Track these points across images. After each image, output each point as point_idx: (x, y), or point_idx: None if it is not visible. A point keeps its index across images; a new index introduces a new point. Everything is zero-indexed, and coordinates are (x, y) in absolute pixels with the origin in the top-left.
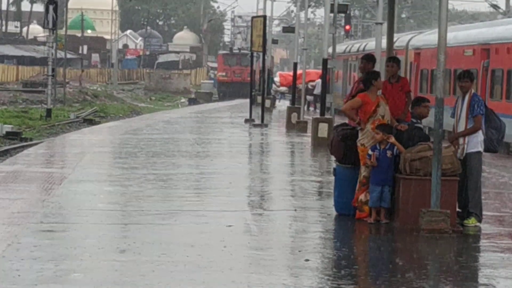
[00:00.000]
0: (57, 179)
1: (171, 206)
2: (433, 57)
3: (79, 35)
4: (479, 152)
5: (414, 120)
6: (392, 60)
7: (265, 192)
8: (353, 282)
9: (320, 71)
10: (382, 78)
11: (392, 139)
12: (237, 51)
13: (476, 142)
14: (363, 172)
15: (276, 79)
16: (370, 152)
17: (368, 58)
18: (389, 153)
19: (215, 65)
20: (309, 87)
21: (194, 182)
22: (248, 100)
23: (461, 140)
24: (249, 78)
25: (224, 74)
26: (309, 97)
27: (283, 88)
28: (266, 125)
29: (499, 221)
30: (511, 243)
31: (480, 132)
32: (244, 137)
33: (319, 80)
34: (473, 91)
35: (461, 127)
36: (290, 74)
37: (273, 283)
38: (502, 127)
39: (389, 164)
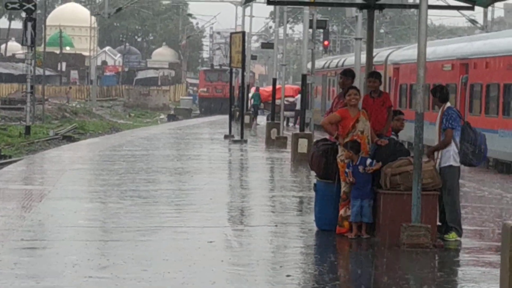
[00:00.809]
0: (37, 196)
1: (152, 222)
2: (412, 72)
3: (58, 52)
4: (451, 166)
5: (394, 133)
6: (374, 75)
7: (246, 208)
8: None
9: (297, 87)
10: (363, 93)
11: (349, 156)
12: (218, 67)
13: (448, 156)
14: (343, 187)
15: (251, 95)
16: (346, 169)
17: (347, 74)
18: (360, 168)
19: (194, 81)
20: (285, 102)
21: (175, 198)
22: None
23: (436, 154)
24: None
25: (205, 90)
26: (286, 113)
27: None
28: (245, 141)
29: (480, 235)
30: (491, 257)
31: (452, 145)
32: (224, 153)
33: (299, 96)
34: (448, 104)
35: (436, 141)
36: (266, 90)
37: None
38: (478, 140)
39: (365, 179)
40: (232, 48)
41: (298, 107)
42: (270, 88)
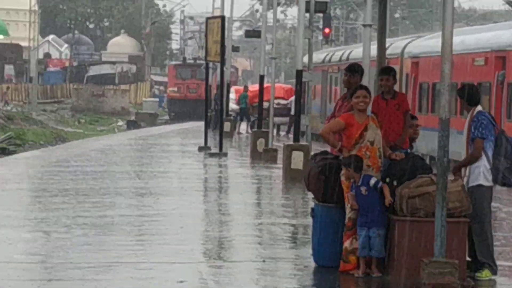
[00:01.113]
0: None
1: (107, 257)
2: (435, 68)
3: None
4: (481, 186)
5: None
6: (387, 71)
7: (225, 239)
8: None
9: (289, 86)
10: (373, 94)
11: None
12: (192, 61)
13: (478, 174)
14: (349, 213)
15: (231, 95)
16: (352, 192)
17: (354, 70)
18: (363, 189)
19: (161, 78)
20: (275, 106)
21: (136, 226)
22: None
23: (463, 171)
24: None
25: (175, 89)
26: (277, 119)
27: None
28: (225, 154)
29: None
30: None
31: (483, 160)
32: (198, 169)
33: (293, 98)
34: (479, 108)
35: (464, 155)
36: (250, 90)
37: None
38: None
39: (371, 202)
40: (209, 37)
41: (292, 112)
42: (255, 87)
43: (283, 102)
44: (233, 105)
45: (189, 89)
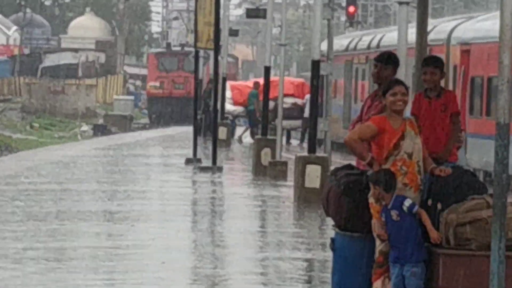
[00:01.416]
0: None
1: None
2: (492, 58)
3: None
4: None
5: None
6: (432, 62)
7: (220, 278)
8: None
9: (299, 80)
10: (412, 91)
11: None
12: (179, 48)
13: None
14: (379, 245)
15: (227, 93)
16: (381, 217)
17: (386, 60)
18: (394, 214)
19: (137, 70)
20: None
21: (104, 261)
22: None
23: None
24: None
25: (157, 85)
26: (286, 123)
27: (238, 108)
28: (220, 169)
29: None
30: None
31: None
32: (185, 187)
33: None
34: None
35: None
36: (249, 86)
37: None
38: None
39: (403, 231)
40: (199, 18)
41: (306, 113)
42: (259, 82)
43: (291, 100)
44: (229, 106)
45: (175, 84)
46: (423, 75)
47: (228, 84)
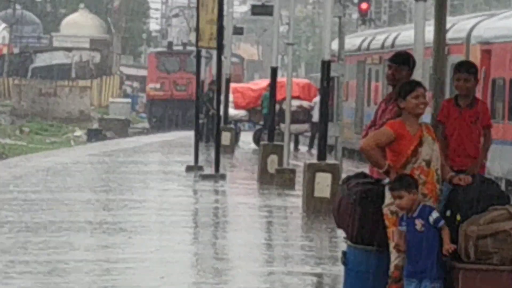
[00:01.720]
0: None
1: None
2: None
3: None
4: None
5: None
6: (466, 68)
7: None
8: None
9: (305, 82)
10: (429, 93)
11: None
12: (181, 47)
13: None
14: (395, 259)
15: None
16: (399, 227)
17: (402, 60)
18: (419, 223)
19: (135, 71)
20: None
21: (99, 276)
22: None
23: None
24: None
25: (158, 86)
26: (292, 127)
27: (240, 113)
28: (223, 177)
29: None
30: None
31: None
32: (186, 197)
33: (318, 99)
34: None
35: None
36: (252, 88)
37: None
38: None
39: (426, 243)
40: (201, 15)
41: (315, 118)
42: (258, 83)
43: (297, 103)
44: (231, 110)
45: (177, 85)
46: (455, 81)
47: (232, 86)
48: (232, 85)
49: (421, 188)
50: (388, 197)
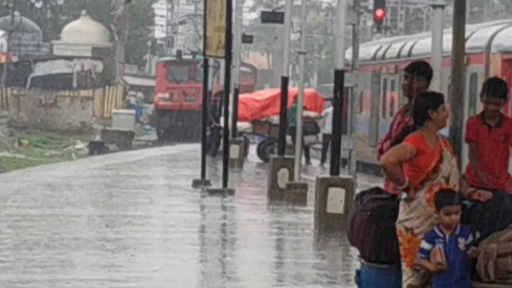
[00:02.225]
0: None
1: None
2: None
3: None
4: None
5: None
6: (498, 91)
7: None
8: None
9: (309, 90)
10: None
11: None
12: (190, 56)
13: None
14: (408, 278)
15: (230, 108)
16: (424, 244)
17: (418, 70)
18: (462, 242)
19: (139, 81)
20: (275, 122)
21: None
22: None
23: None
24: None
25: (167, 96)
26: (309, 139)
27: (244, 125)
28: (231, 192)
29: None
30: None
31: None
32: (192, 213)
33: (330, 110)
34: None
35: None
36: (256, 99)
37: None
38: None
39: (466, 263)
40: (209, 23)
41: (327, 129)
42: (261, 94)
43: (303, 114)
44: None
45: (186, 95)
46: (485, 104)
47: (254, 96)
48: (243, 96)
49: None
50: (402, 213)
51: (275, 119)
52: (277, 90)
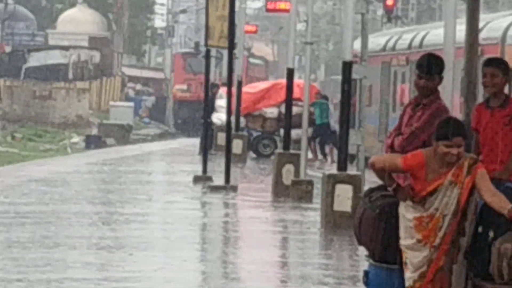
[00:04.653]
0: None
1: None
2: None
3: None
4: None
5: None
6: (493, 63)
7: None
8: None
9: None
10: (462, 96)
11: None
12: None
13: None
14: (410, 277)
15: (221, 101)
16: None
17: (430, 69)
18: None
19: (138, 72)
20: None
21: None
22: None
23: None
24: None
25: (185, 88)
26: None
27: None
28: (234, 188)
29: None
30: None
31: None
32: (193, 210)
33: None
34: None
35: None
36: (249, 92)
37: None
38: None
39: None
40: (210, 11)
41: (332, 125)
42: (254, 86)
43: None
44: (222, 116)
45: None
46: (482, 78)
47: (222, 90)
48: (226, 88)
49: (417, 234)
50: (405, 210)
51: (269, 112)
52: (271, 82)
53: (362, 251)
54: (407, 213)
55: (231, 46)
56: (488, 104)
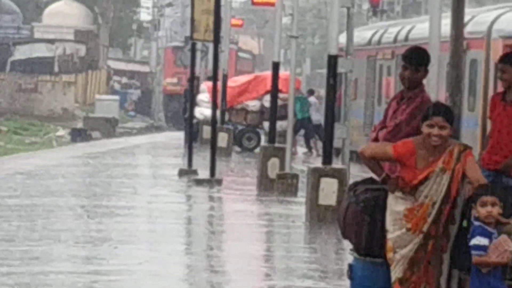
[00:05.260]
0: None
1: None
2: None
3: None
4: None
5: None
6: (509, 60)
7: None
8: None
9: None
10: (447, 90)
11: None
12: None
13: None
14: (396, 271)
15: (203, 96)
16: (481, 240)
17: (416, 61)
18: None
19: (123, 66)
20: (264, 105)
21: None
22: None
23: None
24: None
25: (175, 81)
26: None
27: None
28: (219, 182)
29: None
30: None
31: None
32: (178, 203)
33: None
34: None
35: None
36: (231, 86)
37: None
38: None
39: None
40: (196, 5)
41: (315, 118)
42: (236, 80)
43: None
44: (207, 111)
45: None
46: (499, 72)
47: (205, 85)
48: (208, 83)
49: (406, 224)
50: (393, 202)
51: (251, 105)
52: (252, 75)
53: (347, 244)
54: (396, 204)
55: (217, 39)
56: (504, 96)
